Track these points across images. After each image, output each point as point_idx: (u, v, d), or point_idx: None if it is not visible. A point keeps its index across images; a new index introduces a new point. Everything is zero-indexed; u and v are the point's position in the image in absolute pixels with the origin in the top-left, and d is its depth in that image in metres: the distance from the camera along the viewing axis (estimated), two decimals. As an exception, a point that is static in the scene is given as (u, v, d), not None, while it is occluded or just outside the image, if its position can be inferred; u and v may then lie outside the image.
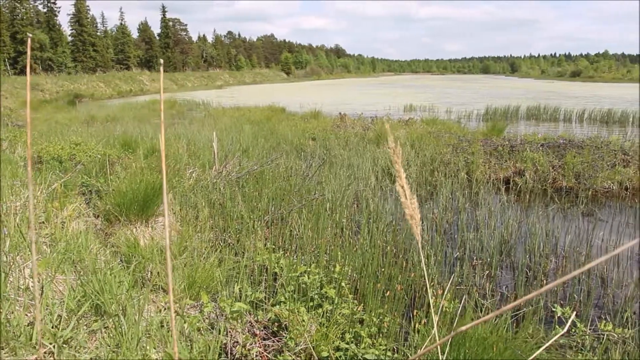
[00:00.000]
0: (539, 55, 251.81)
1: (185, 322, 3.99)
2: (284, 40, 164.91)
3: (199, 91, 62.93)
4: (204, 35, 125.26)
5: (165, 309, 4.39)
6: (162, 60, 1.12)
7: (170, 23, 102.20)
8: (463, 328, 0.98)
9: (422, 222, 7.89)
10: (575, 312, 5.46)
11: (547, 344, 2.06)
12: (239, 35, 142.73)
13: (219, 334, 4.00)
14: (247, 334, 4.26)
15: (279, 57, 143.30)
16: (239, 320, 4.33)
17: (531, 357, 3.43)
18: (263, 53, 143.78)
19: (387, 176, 11.18)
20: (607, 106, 28.66)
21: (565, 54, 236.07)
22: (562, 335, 4.60)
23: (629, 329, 4.66)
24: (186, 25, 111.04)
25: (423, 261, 1.60)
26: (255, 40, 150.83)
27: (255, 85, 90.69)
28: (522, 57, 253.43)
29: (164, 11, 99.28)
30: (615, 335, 4.55)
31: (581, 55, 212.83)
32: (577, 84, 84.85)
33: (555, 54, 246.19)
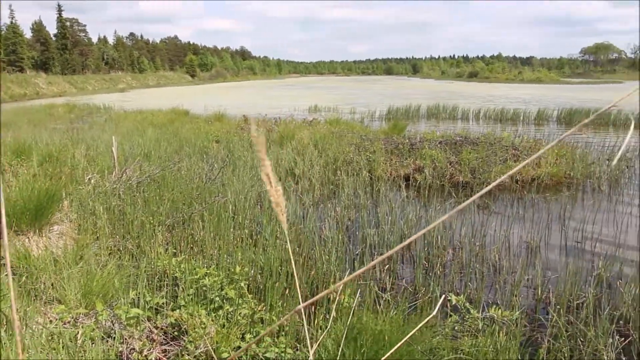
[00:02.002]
0: (439, 57, 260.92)
1: (77, 332, 3.86)
2: (189, 42, 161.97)
3: (100, 94, 60.71)
4: (104, 37, 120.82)
5: (57, 319, 4.23)
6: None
7: (68, 23, 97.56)
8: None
9: (325, 221, 8.02)
10: (469, 300, 5.72)
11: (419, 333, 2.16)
12: (142, 36, 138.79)
13: (115, 342, 3.91)
14: (145, 340, 4.18)
15: (184, 59, 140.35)
16: (137, 327, 4.24)
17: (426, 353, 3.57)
18: (167, 55, 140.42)
19: (291, 176, 11.26)
20: (500, 105, 30.16)
21: (463, 55, 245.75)
22: (456, 322, 4.81)
23: (515, 311, 4.92)
24: (85, 25, 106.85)
25: (291, 255, 1.64)
26: (158, 42, 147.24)
27: (159, 88, 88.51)
28: (424, 58, 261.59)
29: (60, 10, 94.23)
30: (504, 319, 4.80)
31: (478, 57, 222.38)
32: (474, 84, 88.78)
33: (454, 55, 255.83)
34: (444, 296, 5.10)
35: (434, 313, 1.31)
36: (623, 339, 5.11)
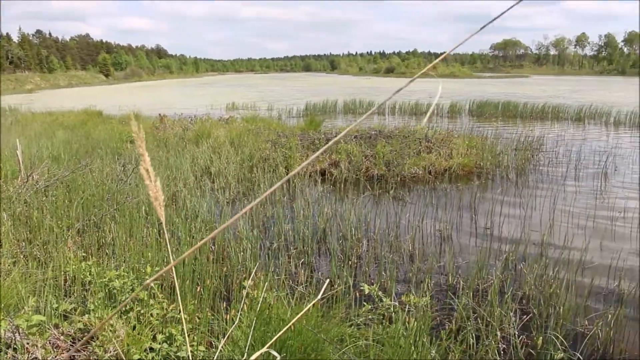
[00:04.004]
0: (356, 53, 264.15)
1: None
2: (101, 40, 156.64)
3: (5, 96, 57.81)
4: (7, 34, 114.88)
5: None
6: None
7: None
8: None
9: (240, 218, 7.97)
10: (383, 289, 5.84)
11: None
12: (50, 34, 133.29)
13: (16, 352, 3.75)
14: (50, 347, 4.03)
15: (97, 58, 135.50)
16: (41, 335, 4.08)
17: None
18: (78, 54, 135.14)
19: (207, 175, 11.13)
20: (414, 99, 30.91)
21: (380, 52, 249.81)
22: (369, 310, 4.91)
23: (427, 297, 5.07)
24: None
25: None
26: (68, 40, 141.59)
27: (71, 88, 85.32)
28: (342, 55, 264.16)
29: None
30: (415, 305, 4.93)
31: (394, 53, 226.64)
32: (391, 80, 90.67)
33: (371, 52, 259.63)
34: (328, 280, 5.19)
35: (318, 298, 1.34)
36: (525, 316, 5.39)
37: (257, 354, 1.41)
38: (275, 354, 1.44)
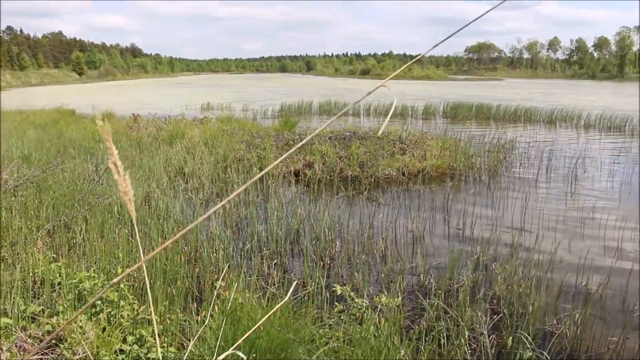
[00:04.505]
0: (332, 54, 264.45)
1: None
2: (75, 38, 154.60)
3: (-26, 95, 56.77)
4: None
5: None
6: None
7: None
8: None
9: (213, 218, 7.94)
10: (355, 289, 5.86)
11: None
12: (21, 31, 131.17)
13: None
14: (16, 350, 3.97)
15: (70, 56, 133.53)
16: (7, 338, 4.02)
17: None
18: (51, 52, 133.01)
19: (181, 175, 11.06)
20: (389, 101, 31.07)
21: (356, 53, 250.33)
22: (341, 311, 4.92)
23: (399, 297, 5.10)
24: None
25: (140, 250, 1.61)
26: (40, 37, 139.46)
27: (43, 86, 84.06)
28: (317, 56, 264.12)
29: None
30: (387, 306, 4.96)
31: (370, 55, 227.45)
32: (367, 81, 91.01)
33: (347, 53, 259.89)
34: (296, 281, 5.19)
35: (286, 298, 1.34)
36: (496, 315, 5.46)
37: (224, 355, 1.41)
38: (242, 355, 1.44)
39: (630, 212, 9.58)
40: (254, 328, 1.54)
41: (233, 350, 1.42)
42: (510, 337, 4.90)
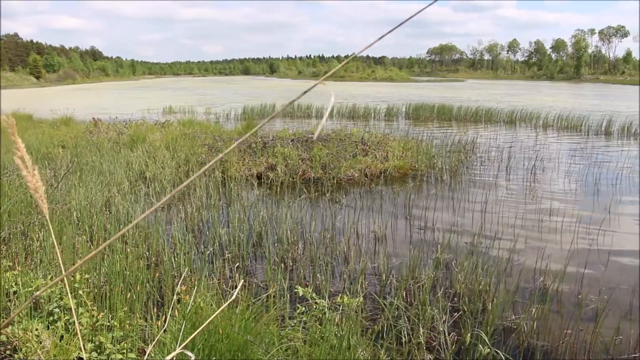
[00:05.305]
0: (295, 56, 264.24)
1: None
2: (32, 40, 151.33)
3: None
4: None
5: None
6: None
7: None
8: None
9: (174, 222, 7.88)
10: (317, 290, 5.88)
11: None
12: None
13: None
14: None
15: (27, 59, 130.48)
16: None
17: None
18: (6, 55, 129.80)
19: (142, 180, 10.95)
20: (358, 102, 31.30)
21: (319, 55, 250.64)
22: (303, 312, 4.94)
23: (360, 297, 5.15)
24: None
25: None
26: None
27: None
28: (281, 58, 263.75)
29: None
30: (348, 306, 5.00)
31: (333, 57, 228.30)
32: (330, 83, 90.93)
33: (310, 55, 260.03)
34: (242, 281, 5.20)
35: (233, 297, 1.35)
36: (456, 313, 5.55)
37: (171, 355, 1.41)
38: (189, 354, 1.45)
39: (586, 210, 9.82)
40: (201, 327, 1.56)
41: (181, 349, 1.43)
42: (469, 334, 4.98)
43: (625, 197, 10.82)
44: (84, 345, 4.21)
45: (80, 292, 4.65)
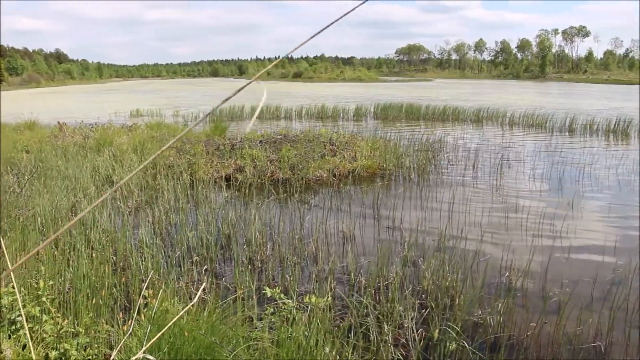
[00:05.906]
0: (264, 57, 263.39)
1: None
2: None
3: None
4: None
5: None
6: None
7: None
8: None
9: (142, 226, 7.81)
10: (285, 291, 5.90)
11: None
12: None
13: None
14: None
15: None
16: None
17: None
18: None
19: (109, 184, 10.83)
20: (327, 103, 31.38)
21: (288, 57, 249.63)
22: (272, 313, 4.95)
23: (328, 297, 5.18)
24: None
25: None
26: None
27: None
28: (249, 59, 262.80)
29: None
30: (316, 305, 5.02)
31: (302, 57, 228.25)
32: (300, 84, 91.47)
33: (278, 56, 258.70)
34: (204, 284, 5.22)
35: (194, 301, 1.35)
36: (424, 309, 5.62)
37: (134, 358, 1.42)
38: (151, 357, 1.46)
39: (550, 207, 10.01)
40: (164, 330, 1.57)
41: (143, 353, 1.44)
42: (437, 330, 5.05)
43: (587, 193, 11.06)
44: (47, 354, 4.16)
45: (44, 299, 4.59)
